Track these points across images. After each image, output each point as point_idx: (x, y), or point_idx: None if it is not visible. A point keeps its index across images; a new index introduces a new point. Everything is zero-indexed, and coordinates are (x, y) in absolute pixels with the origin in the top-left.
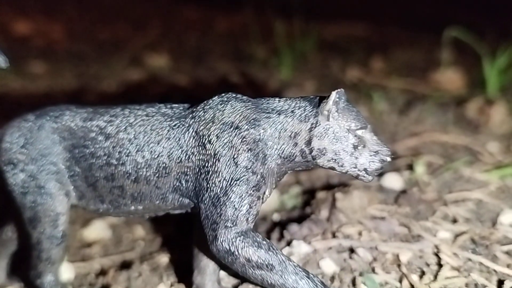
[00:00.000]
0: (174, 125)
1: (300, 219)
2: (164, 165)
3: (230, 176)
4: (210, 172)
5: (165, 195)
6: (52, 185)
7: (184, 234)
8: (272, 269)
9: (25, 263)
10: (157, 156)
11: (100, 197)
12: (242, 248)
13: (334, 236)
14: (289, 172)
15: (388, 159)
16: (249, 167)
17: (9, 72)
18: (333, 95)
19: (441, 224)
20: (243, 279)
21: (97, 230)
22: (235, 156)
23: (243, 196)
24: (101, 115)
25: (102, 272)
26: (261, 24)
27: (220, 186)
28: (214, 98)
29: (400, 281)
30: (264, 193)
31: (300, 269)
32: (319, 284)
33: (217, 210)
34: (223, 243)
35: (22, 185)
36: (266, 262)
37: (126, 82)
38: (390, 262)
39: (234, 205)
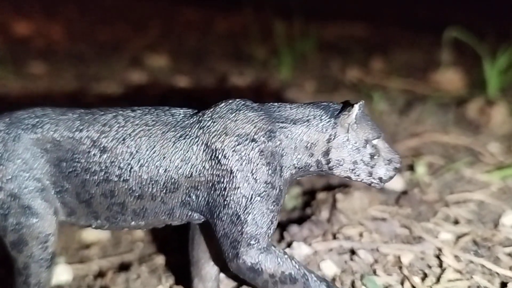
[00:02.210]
0: (180, 136)
1: (300, 220)
2: (172, 180)
3: (249, 192)
4: (227, 189)
5: (173, 210)
6: (38, 204)
7: (182, 236)
8: (295, 282)
9: None
10: (164, 171)
11: (94, 214)
12: (265, 265)
13: (334, 237)
14: (298, 179)
15: (399, 166)
16: (268, 181)
17: (9, 73)
18: (356, 108)
19: (442, 225)
20: (241, 281)
21: (96, 232)
22: (253, 171)
23: (264, 213)
24: (90, 124)
25: (101, 274)
26: (261, 24)
27: (240, 203)
28: (221, 106)
29: (402, 283)
30: (281, 203)
31: (321, 280)
32: None
33: (237, 228)
34: (246, 261)
35: (1, 206)
36: (290, 277)
37: (126, 82)
38: (391, 264)
39: (256, 223)
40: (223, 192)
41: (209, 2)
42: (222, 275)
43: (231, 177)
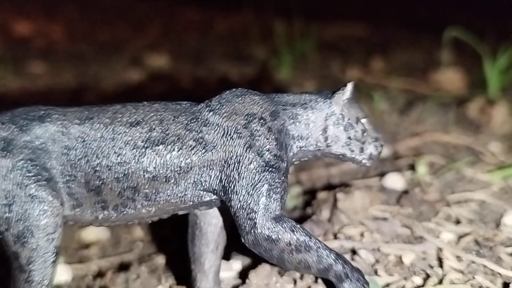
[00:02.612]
0: (191, 119)
1: (301, 220)
2: (186, 160)
3: (262, 164)
4: (241, 162)
5: (185, 192)
6: (45, 193)
7: (182, 236)
8: (309, 250)
9: None
10: (179, 151)
11: (103, 203)
12: (282, 233)
13: (335, 237)
14: (295, 163)
15: (383, 143)
16: (278, 155)
17: (9, 72)
18: (349, 86)
19: (444, 225)
20: (243, 278)
21: (95, 231)
22: (264, 145)
23: (277, 183)
24: (100, 112)
25: (100, 274)
26: (260, 24)
27: (254, 175)
28: (226, 93)
29: (404, 283)
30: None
31: (331, 249)
32: (348, 262)
33: (253, 198)
34: (263, 230)
35: (5, 196)
36: (304, 244)
37: (126, 82)
38: (393, 264)
39: (271, 192)
40: (237, 166)
41: (209, 2)
42: (221, 275)
43: (244, 151)
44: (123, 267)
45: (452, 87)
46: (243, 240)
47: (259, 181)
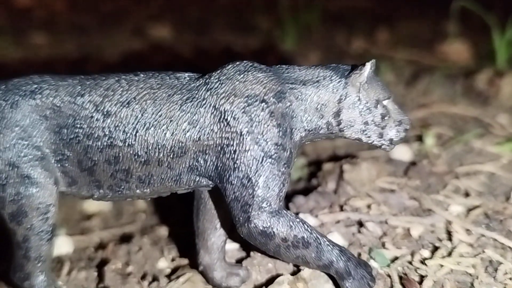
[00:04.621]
0: (187, 99)
1: (306, 191)
2: (179, 144)
3: (260, 154)
4: (237, 151)
5: (180, 176)
6: (37, 173)
7: (186, 206)
8: (308, 246)
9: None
10: (171, 135)
11: (97, 183)
12: (278, 229)
13: (342, 209)
14: (306, 143)
15: (409, 127)
16: (279, 143)
17: (10, 43)
18: (368, 66)
19: (452, 197)
20: (246, 252)
21: (97, 203)
22: (264, 133)
23: (276, 175)
24: (92, 88)
25: (102, 246)
26: None
27: (251, 166)
28: (228, 67)
29: (412, 256)
30: (292, 167)
31: (334, 245)
32: (353, 259)
33: (248, 191)
34: (258, 225)
35: None
36: (302, 240)
37: (129, 52)
38: (400, 237)
39: (268, 185)
40: (233, 155)
41: None
42: (227, 246)
43: (241, 139)
44: (125, 238)
45: (459, 58)
46: (238, 231)
47: (256, 173)
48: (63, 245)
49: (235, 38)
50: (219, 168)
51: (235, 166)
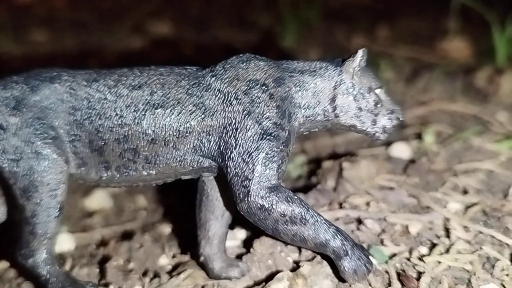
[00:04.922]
0: (194, 84)
1: (305, 189)
2: (185, 124)
3: (260, 132)
4: (239, 129)
5: (184, 156)
6: (50, 151)
7: (187, 204)
8: (305, 223)
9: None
10: (178, 115)
11: (106, 163)
12: (276, 203)
13: (341, 206)
14: (304, 133)
15: (402, 117)
16: (278, 123)
17: (10, 40)
18: (360, 53)
19: (451, 195)
20: (247, 247)
21: (99, 200)
22: (264, 112)
23: (275, 152)
24: (107, 75)
25: (103, 243)
26: None
27: (251, 142)
28: (232, 58)
29: (410, 253)
30: (290, 150)
31: (330, 224)
32: (349, 239)
33: (248, 166)
34: (257, 199)
35: (14, 152)
36: (300, 217)
37: (129, 49)
38: (399, 234)
39: (267, 161)
40: (235, 133)
41: None
42: (227, 243)
43: (242, 118)
44: (126, 236)
45: (459, 55)
46: (238, 208)
47: (256, 149)
48: (65, 242)
49: (235, 34)
50: (222, 147)
51: (236, 143)
